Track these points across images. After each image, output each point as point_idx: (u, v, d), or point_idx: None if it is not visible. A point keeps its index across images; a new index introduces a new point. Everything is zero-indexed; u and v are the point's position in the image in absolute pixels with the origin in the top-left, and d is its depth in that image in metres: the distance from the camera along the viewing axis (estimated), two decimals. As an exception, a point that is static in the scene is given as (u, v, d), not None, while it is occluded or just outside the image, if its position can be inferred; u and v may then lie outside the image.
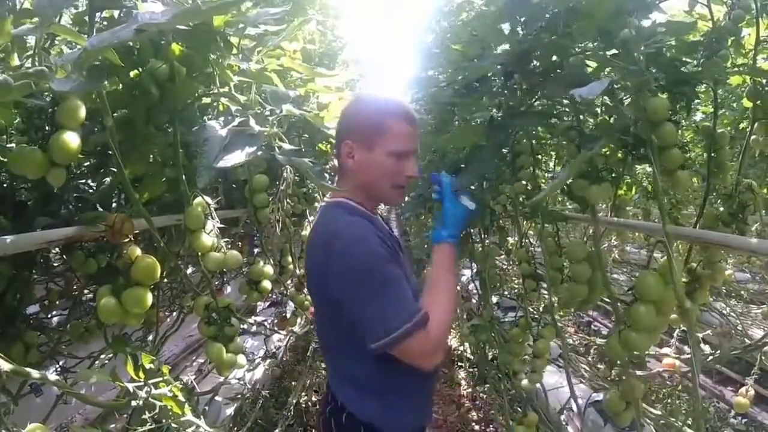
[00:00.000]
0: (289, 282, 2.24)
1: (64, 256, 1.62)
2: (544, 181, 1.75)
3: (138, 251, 1.16)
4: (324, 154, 2.30)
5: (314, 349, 3.19)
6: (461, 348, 5.32)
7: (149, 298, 1.14)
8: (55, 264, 1.84)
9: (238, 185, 1.87)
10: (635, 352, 1.21)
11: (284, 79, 1.39)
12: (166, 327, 2.29)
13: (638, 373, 2.64)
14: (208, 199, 1.23)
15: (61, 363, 2.07)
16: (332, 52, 2.21)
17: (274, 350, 2.68)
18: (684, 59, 1.36)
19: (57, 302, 1.89)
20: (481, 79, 1.36)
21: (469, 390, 4.48)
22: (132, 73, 1.23)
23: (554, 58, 1.26)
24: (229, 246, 1.39)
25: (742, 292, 4.76)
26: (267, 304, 4.06)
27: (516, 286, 4.13)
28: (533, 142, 1.68)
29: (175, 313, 2.39)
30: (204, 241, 1.18)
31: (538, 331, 1.68)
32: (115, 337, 1.38)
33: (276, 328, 2.43)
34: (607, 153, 1.45)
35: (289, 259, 2.16)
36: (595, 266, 1.40)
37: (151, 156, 1.32)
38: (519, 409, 2.82)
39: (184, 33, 0.95)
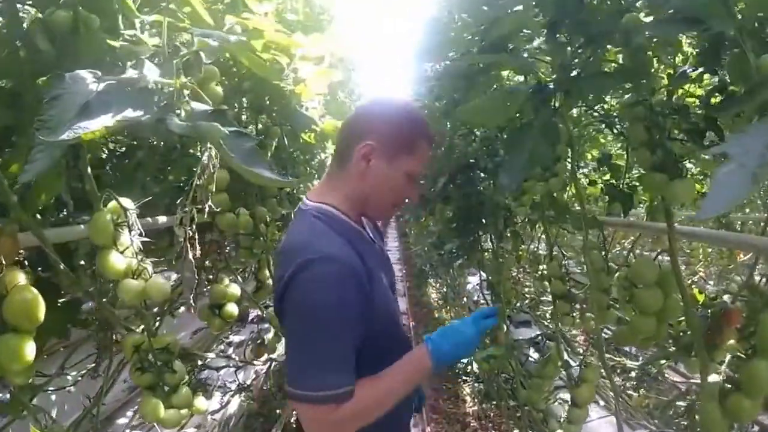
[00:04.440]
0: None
1: None
2: (584, 178, 1.39)
3: (20, 278, 0.80)
4: (309, 147, 1.94)
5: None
6: (464, 360, 4.95)
7: (29, 350, 0.78)
8: None
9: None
10: (742, 421, 0.85)
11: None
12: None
13: (681, 404, 2.27)
14: (128, 203, 0.86)
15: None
16: (319, 25, 1.85)
17: (251, 380, 2.31)
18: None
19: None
20: (512, 36, 1.00)
21: (476, 408, 4.11)
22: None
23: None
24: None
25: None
26: (254, 314, 3.69)
27: (527, 296, 3.77)
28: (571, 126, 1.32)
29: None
30: (114, 264, 0.81)
31: (579, 373, 1.30)
32: (13, 395, 1.02)
33: (253, 355, 2.07)
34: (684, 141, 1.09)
35: (267, 272, 1.79)
36: (670, 292, 1.04)
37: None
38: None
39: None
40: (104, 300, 1.01)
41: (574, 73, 0.89)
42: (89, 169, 0.85)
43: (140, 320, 1.02)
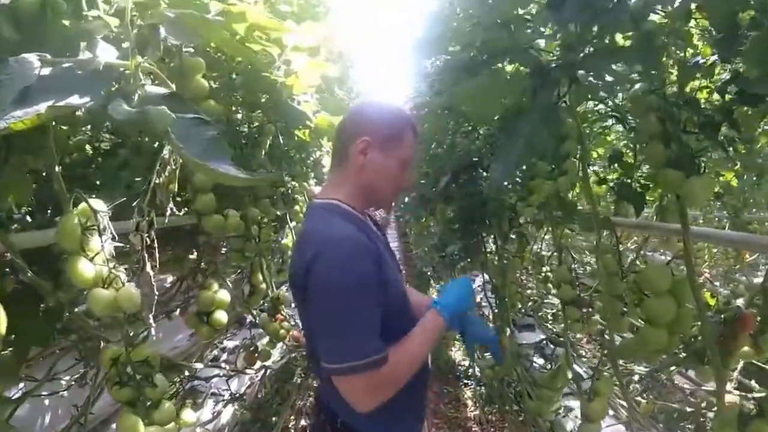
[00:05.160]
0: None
1: None
2: (594, 176, 1.31)
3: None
4: (304, 144, 1.86)
5: (299, 383, 2.76)
6: (465, 363, 4.86)
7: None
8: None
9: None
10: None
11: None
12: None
13: (689, 410, 2.20)
14: (99, 204, 0.78)
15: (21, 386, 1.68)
16: (314, 17, 1.78)
17: (245, 388, 2.23)
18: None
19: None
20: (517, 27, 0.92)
21: (477, 412, 4.03)
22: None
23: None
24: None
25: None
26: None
27: (530, 297, 3.69)
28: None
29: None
30: (82, 271, 0.73)
31: (591, 386, 1.22)
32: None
33: (245, 363, 1.98)
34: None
35: (260, 277, 1.72)
36: (683, 301, 0.96)
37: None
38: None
39: None
40: (77, 309, 0.93)
41: (580, 59, 0.81)
42: (57, 168, 0.78)
43: (119, 330, 0.94)
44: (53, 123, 0.81)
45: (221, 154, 0.46)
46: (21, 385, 1.78)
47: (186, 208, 1.49)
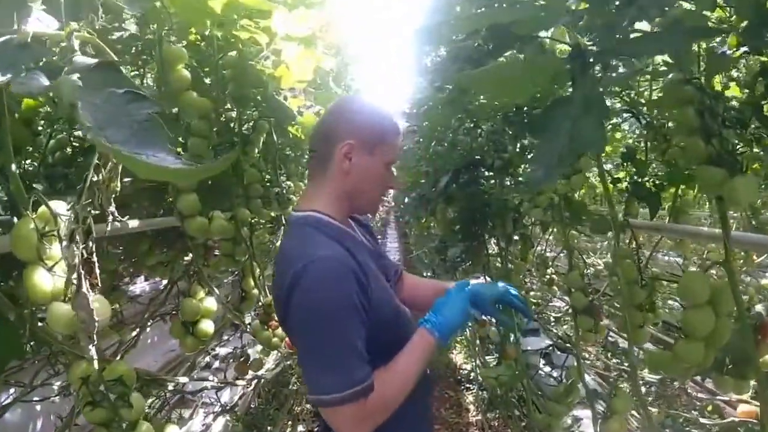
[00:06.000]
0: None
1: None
2: (610, 177, 1.22)
3: None
4: (299, 142, 1.76)
5: (297, 389, 2.67)
6: (467, 367, 4.77)
7: None
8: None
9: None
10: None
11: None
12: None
13: (705, 421, 2.11)
14: (60, 207, 0.69)
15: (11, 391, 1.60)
16: (309, 5, 1.69)
17: (238, 397, 2.14)
18: None
19: None
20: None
21: (479, 417, 3.93)
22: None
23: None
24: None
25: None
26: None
27: (533, 300, 3.60)
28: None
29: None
30: (39, 284, 0.64)
31: (608, 404, 1.12)
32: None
33: (237, 373, 1.89)
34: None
35: (252, 282, 1.62)
36: (722, 312, 0.87)
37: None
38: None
39: None
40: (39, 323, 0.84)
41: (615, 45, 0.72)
42: (14, 168, 0.68)
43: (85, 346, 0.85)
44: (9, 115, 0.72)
45: (156, 138, 0.35)
46: (12, 390, 1.71)
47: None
